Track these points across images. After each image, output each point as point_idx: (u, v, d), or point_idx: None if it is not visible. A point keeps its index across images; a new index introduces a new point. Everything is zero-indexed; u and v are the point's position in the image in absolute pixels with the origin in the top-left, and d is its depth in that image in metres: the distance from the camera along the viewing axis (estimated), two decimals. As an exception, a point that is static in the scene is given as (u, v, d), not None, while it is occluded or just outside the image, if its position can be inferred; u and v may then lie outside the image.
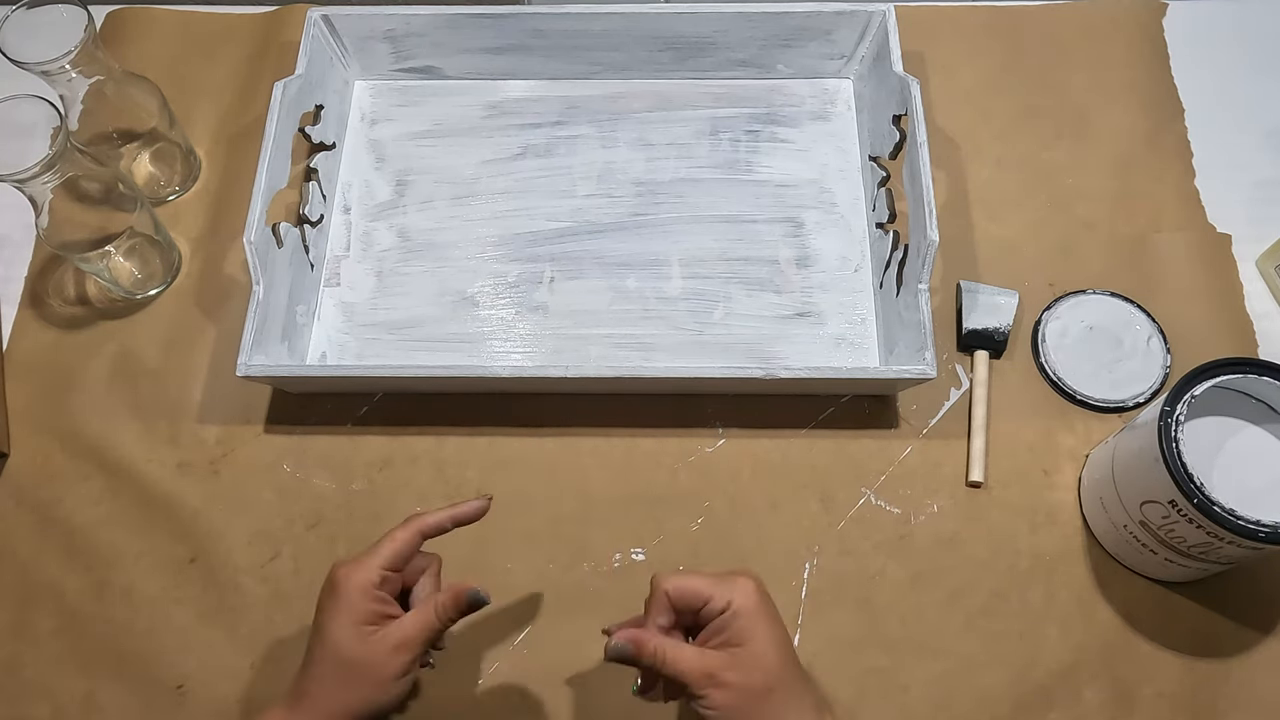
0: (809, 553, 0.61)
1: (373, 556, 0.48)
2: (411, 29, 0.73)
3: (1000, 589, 0.59)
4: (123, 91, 0.66)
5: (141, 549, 0.62)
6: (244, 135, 0.75)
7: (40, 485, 0.63)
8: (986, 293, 0.67)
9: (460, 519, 0.51)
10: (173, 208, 0.73)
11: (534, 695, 0.58)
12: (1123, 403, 0.64)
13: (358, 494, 0.63)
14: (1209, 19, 0.78)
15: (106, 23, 0.80)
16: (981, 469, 0.62)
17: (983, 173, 0.72)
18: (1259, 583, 0.59)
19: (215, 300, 0.69)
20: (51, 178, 0.57)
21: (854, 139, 0.73)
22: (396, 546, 0.49)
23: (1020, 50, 0.77)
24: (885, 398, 0.65)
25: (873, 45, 0.72)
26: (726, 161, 0.73)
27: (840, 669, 0.58)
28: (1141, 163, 0.72)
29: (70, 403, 0.66)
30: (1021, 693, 0.57)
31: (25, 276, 0.71)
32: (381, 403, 0.65)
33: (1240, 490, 0.51)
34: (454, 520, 0.51)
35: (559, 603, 0.60)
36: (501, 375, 0.60)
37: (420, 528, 0.50)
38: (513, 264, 0.69)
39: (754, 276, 0.68)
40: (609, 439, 0.64)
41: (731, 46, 0.73)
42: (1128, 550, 0.58)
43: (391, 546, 0.49)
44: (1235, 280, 0.68)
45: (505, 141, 0.74)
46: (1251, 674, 0.57)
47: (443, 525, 0.51)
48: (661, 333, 0.67)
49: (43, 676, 0.58)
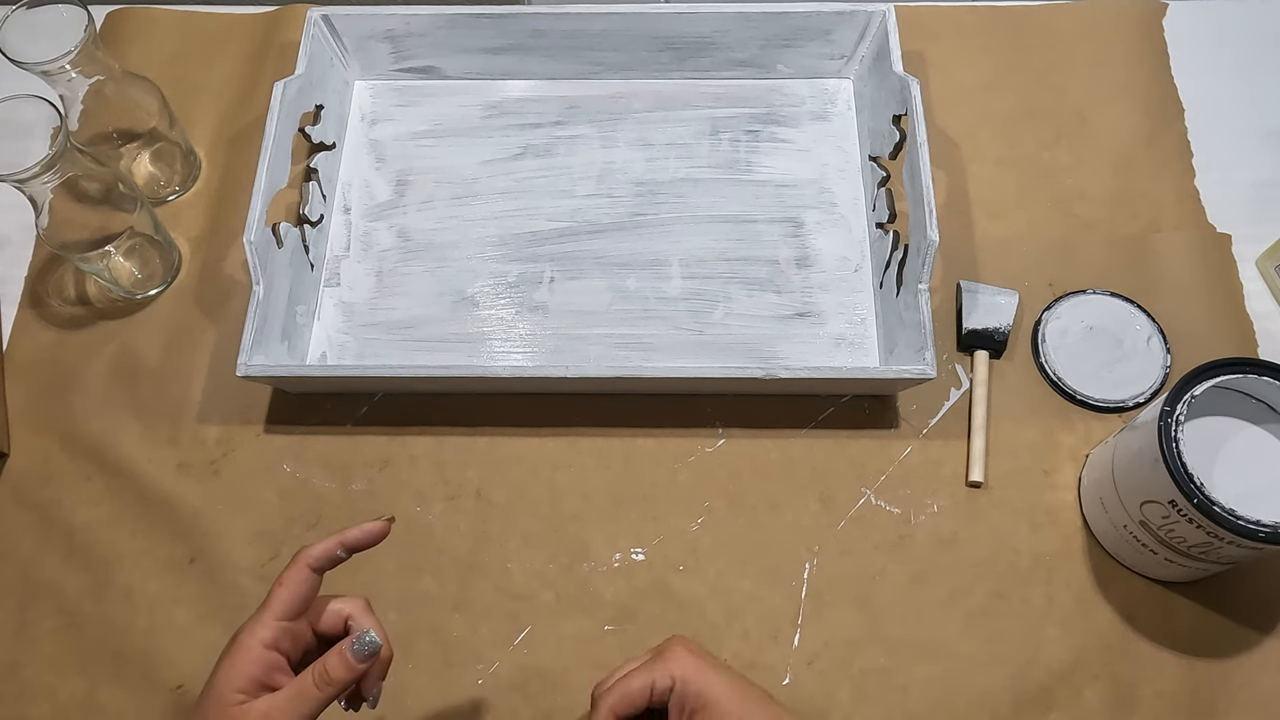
0: (809, 553, 0.61)
1: (264, 609, 0.44)
2: (411, 29, 0.73)
3: (1000, 589, 0.60)
4: (123, 91, 0.66)
5: (141, 549, 0.62)
6: (244, 135, 0.75)
7: (40, 485, 0.63)
8: (986, 293, 0.67)
9: (353, 544, 0.46)
10: (173, 208, 0.73)
11: (534, 695, 0.58)
12: (1123, 403, 0.64)
13: (358, 494, 0.63)
14: (1209, 19, 0.78)
15: (106, 23, 0.80)
16: (981, 469, 0.62)
17: (983, 173, 0.72)
18: (1259, 583, 0.59)
19: (215, 300, 0.69)
20: (51, 178, 0.57)
21: (854, 139, 0.73)
22: (287, 592, 0.44)
23: (1020, 50, 0.77)
24: (885, 398, 0.65)
25: (873, 45, 0.72)
26: (726, 161, 0.73)
27: (840, 669, 0.58)
28: (1141, 163, 0.72)
29: (70, 403, 0.66)
30: (1021, 692, 0.57)
31: (25, 276, 0.71)
32: (381, 403, 0.65)
33: (1240, 490, 0.51)
34: (345, 546, 0.46)
35: (559, 603, 0.60)
36: (501, 375, 0.60)
37: (308, 562, 0.45)
38: (513, 264, 0.69)
39: (754, 276, 0.68)
40: (609, 439, 0.64)
41: (731, 46, 0.73)
42: (1128, 550, 0.58)
43: (281, 594, 0.44)
44: (1235, 280, 0.68)
45: (505, 141, 0.74)
46: (1251, 674, 0.57)
47: (331, 554, 0.46)
48: (661, 333, 0.67)
49: (42, 676, 0.58)
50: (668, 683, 0.45)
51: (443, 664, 0.58)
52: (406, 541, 0.61)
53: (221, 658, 0.43)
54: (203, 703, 0.43)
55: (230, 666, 0.42)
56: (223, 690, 0.42)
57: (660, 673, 0.45)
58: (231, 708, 0.42)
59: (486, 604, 0.60)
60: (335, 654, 0.43)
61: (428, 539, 0.61)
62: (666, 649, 0.46)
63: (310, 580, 0.45)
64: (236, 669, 0.42)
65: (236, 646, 0.43)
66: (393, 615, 0.59)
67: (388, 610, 0.60)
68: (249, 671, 0.42)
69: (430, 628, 0.59)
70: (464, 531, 0.62)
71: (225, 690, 0.42)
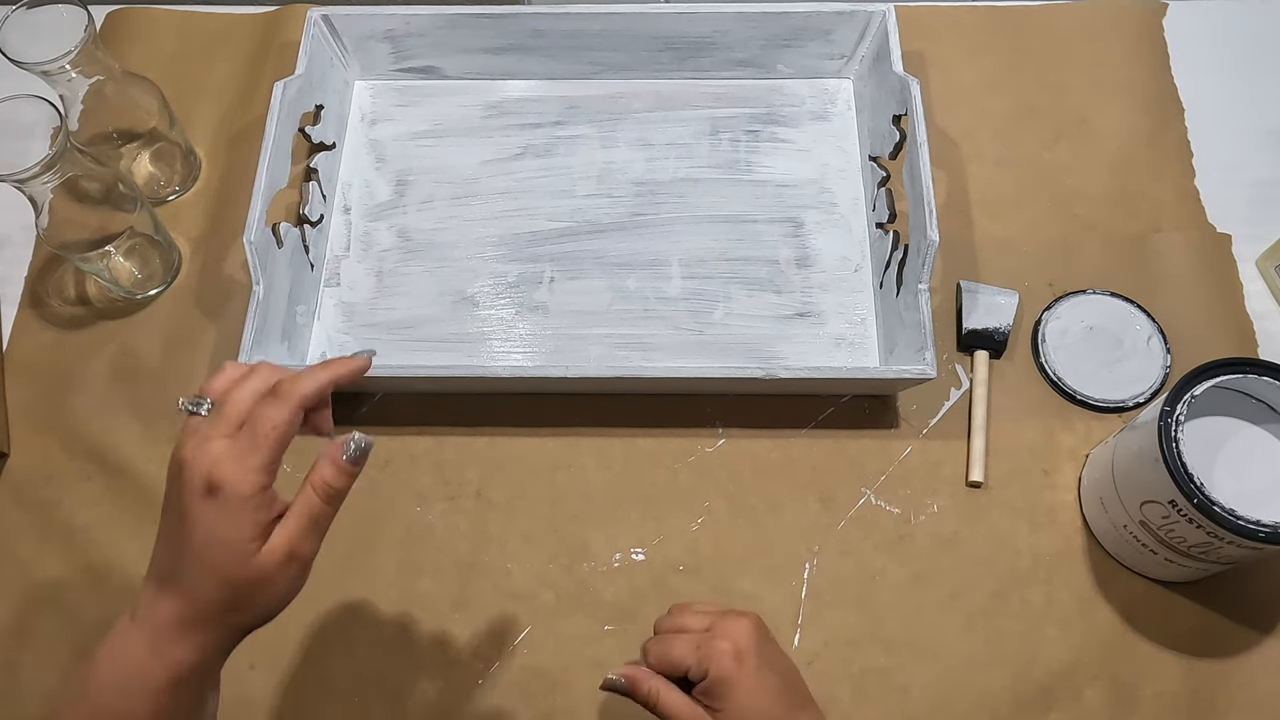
0: (809, 553, 0.61)
1: (252, 454, 0.40)
2: (411, 29, 0.73)
3: (1000, 589, 0.59)
4: (123, 91, 0.66)
5: (141, 549, 0.61)
6: (244, 135, 0.75)
7: (40, 485, 0.63)
8: (986, 293, 0.67)
9: (341, 379, 0.44)
10: (173, 208, 0.73)
11: (534, 695, 0.58)
12: (1123, 403, 0.64)
13: (358, 494, 0.62)
14: (1209, 19, 0.78)
15: (106, 23, 0.80)
16: (981, 469, 0.62)
17: (983, 173, 0.72)
18: (1259, 583, 0.59)
19: (215, 300, 0.69)
20: (51, 178, 0.57)
21: (854, 139, 0.73)
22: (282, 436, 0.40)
23: (1020, 50, 0.77)
24: (885, 398, 0.65)
25: (873, 45, 0.72)
26: (726, 161, 0.73)
27: (840, 669, 0.58)
28: (1141, 163, 0.72)
29: (70, 403, 0.66)
30: (1021, 692, 0.57)
31: (25, 276, 0.71)
32: (381, 403, 0.65)
33: (1240, 490, 0.51)
34: (334, 382, 0.44)
35: (559, 603, 0.60)
36: (501, 375, 0.60)
37: (300, 402, 0.42)
38: (513, 264, 0.69)
39: (754, 276, 0.68)
40: (609, 439, 0.64)
41: (731, 46, 0.73)
42: (1128, 550, 0.58)
43: (277, 438, 0.40)
44: (1235, 280, 0.68)
45: (505, 141, 0.74)
46: (1251, 674, 0.57)
47: (324, 390, 0.43)
48: (661, 333, 0.67)
49: (42, 677, 0.58)
50: (699, 674, 0.45)
51: (443, 664, 0.58)
52: (406, 541, 0.61)
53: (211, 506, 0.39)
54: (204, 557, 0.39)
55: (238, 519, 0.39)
56: (235, 545, 0.39)
57: (699, 660, 0.45)
58: (251, 558, 0.40)
59: (486, 604, 0.60)
60: (330, 465, 0.41)
61: (428, 539, 0.61)
62: (726, 630, 0.46)
63: (298, 420, 0.42)
64: (248, 518, 0.39)
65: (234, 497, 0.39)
66: (393, 616, 0.59)
67: (388, 611, 0.60)
68: (257, 519, 0.40)
69: (430, 628, 0.59)
70: (464, 531, 0.62)
71: (238, 544, 0.39)
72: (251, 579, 0.40)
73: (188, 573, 0.40)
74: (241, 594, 0.40)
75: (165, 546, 0.41)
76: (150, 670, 0.40)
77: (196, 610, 0.40)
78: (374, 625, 0.59)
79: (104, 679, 0.40)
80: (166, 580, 0.40)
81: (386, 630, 0.59)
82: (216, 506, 0.39)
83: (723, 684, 0.44)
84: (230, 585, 0.40)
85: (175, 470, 0.41)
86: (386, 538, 0.61)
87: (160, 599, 0.40)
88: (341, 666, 0.58)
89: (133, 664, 0.40)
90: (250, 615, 0.41)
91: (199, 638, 0.40)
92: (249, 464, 0.40)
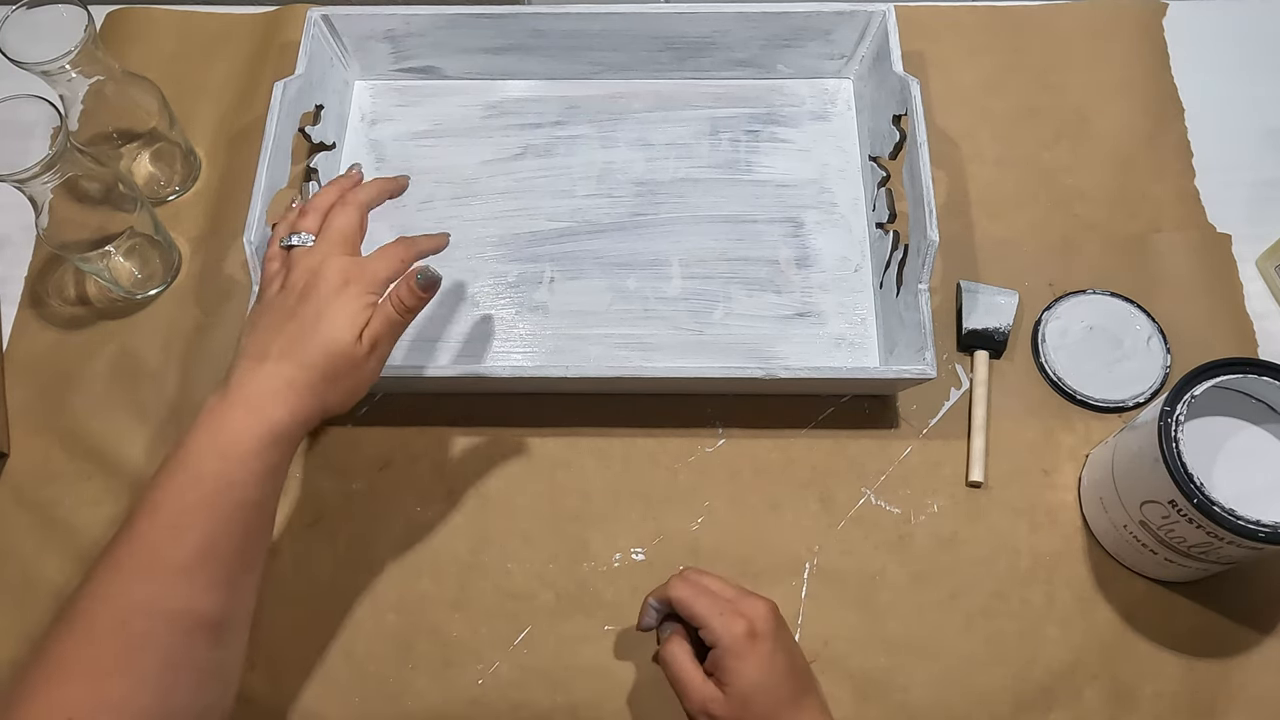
0: (809, 553, 0.61)
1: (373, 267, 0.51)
2: (411, 29, 0.73)
3: (1000, 589, 0.60)
4: (123, 91, 0.66)
5: (141, 549, 0.61)
6: (244, 135, 0.75)
7: (40, 485, 0.63)
8: (986, 293, 0.67)
9: (393, 192, 0.57)
10: (173, 208, 0.73)
11: (534, 695, 0.58)
12: (1123, 403, 0.64)
13: (357, 493, 0.63)
14: (1209, 19, 0.78)
15: (106, 23, 0.80)
16: (981, 469, 0.62)
17: (983, 173, 0.72)
18: (1259, 583, 0.59)
19: (215, 300, 0.69)
20: (51, 178, 0.57)
21: (854, 139, 0.73)
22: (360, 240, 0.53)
23: (1020, 50, 0.77)
24: (885, 398, 0.65)
25: (873, 45, 0.72)
26: (726, 161, 0.73)
27: (840, 669, 0.58)
28: (1141, 163, 0.72)
29: (70, 403, 0.66)
30: (1021, 692, 0.57)
31: (25, 276, 0.71)
32: (381, 403, 0.65)
33: (1240, 490, 0.51)
34: (387, 195, 0.56)
35: (559, 603, 0.60)
36: (501, 375, 0.60)
37: (367, 205, 0.54)
38: (513, 264, 0.69)
39: (754, 276, 0.68)
40: (609, 439, 0.64)
41: (731, 46, 0.73)
42: (1128, 550, 0.58)
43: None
44: (1235, 280, 0.68)
45: (505, 141, 0.74)
46: (1251, 674, 0.57)
47: (383, 200, 0.56)
48: (661, 333, 0.67)
49: (43, 676, 0.58)
50: (712, 641, 0.48)
51: (443, 664, 0.58)
52: (406, 541, 0.61)
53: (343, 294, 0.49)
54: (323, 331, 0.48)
55: (358, 307, 0.49)
56: (345, 340, 0.48)
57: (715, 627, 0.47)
58: (354, 343, 0.48)
59: (486, 604, 0.60)
60: (404, 285, 0.50)
61: (428, 539, 0.61)
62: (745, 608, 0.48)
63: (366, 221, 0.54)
64: (360, 316, 0.49)
65: (361, 291, 0.49)
66: (392, 616, 0.59)
67: (387, 611, 0.60)
68: (366, 314, 0.49)
69: (430, 628, 0.59)
70: (464, 531, 0.62)
71: (347, 338, 0.48)
72: (348, 355, 0.48)
73: (298, 345, 0.47)
74: (340, 366, 0.48)
75: (268, 333, 0.48)
76: (249, 430, 0.45)
77: (301, 374, 0.47)
78: (373, 625, 0.59)
79: (203, 446, 0.45)
80: (267, 356, 0.47)
81: (386, 630, 0.59)
82: (345, 298, 0.49)
83: (733, 657, 0.46)
84: (333, 356, 0.48)
85: (304, 273, 0.50)
86: (386, 538, 0.61)
87: (260, 370, 0.47)
88: (341, 666, 0.58)
89: (230, 431, 0.45)
90: (337, 392, 0.49)
91: (294, 401, 0.46)
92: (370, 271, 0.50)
